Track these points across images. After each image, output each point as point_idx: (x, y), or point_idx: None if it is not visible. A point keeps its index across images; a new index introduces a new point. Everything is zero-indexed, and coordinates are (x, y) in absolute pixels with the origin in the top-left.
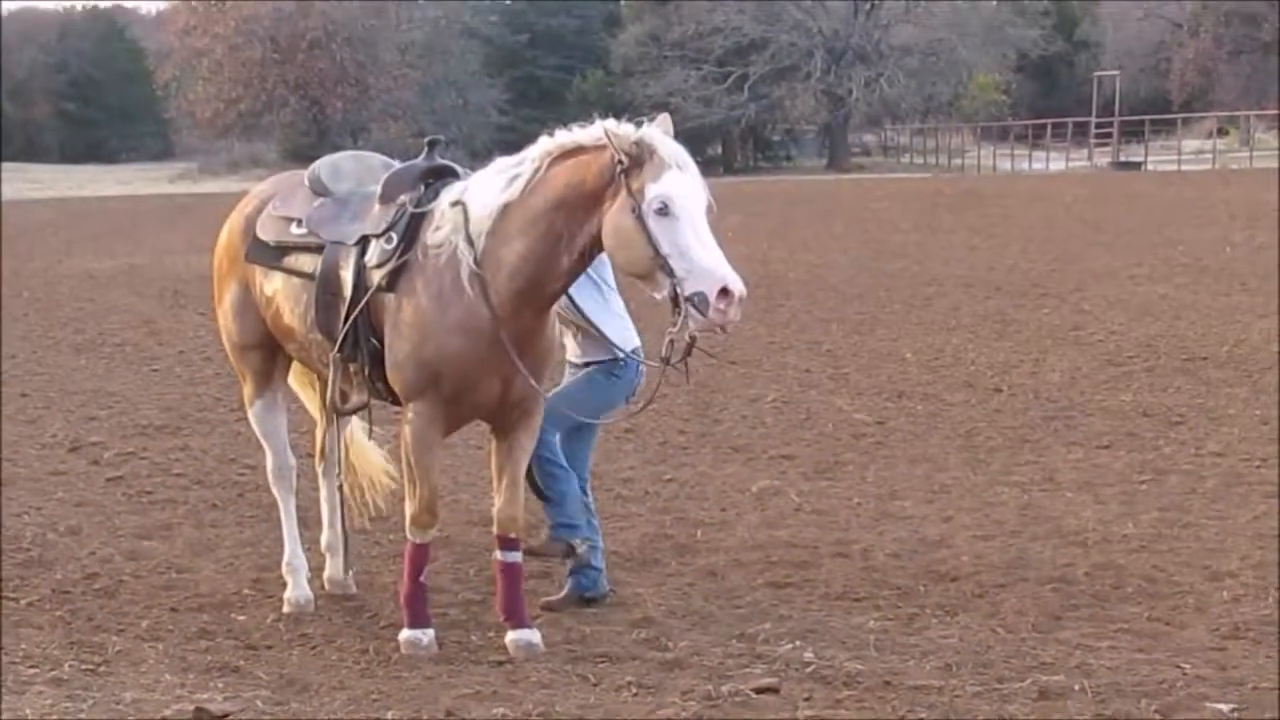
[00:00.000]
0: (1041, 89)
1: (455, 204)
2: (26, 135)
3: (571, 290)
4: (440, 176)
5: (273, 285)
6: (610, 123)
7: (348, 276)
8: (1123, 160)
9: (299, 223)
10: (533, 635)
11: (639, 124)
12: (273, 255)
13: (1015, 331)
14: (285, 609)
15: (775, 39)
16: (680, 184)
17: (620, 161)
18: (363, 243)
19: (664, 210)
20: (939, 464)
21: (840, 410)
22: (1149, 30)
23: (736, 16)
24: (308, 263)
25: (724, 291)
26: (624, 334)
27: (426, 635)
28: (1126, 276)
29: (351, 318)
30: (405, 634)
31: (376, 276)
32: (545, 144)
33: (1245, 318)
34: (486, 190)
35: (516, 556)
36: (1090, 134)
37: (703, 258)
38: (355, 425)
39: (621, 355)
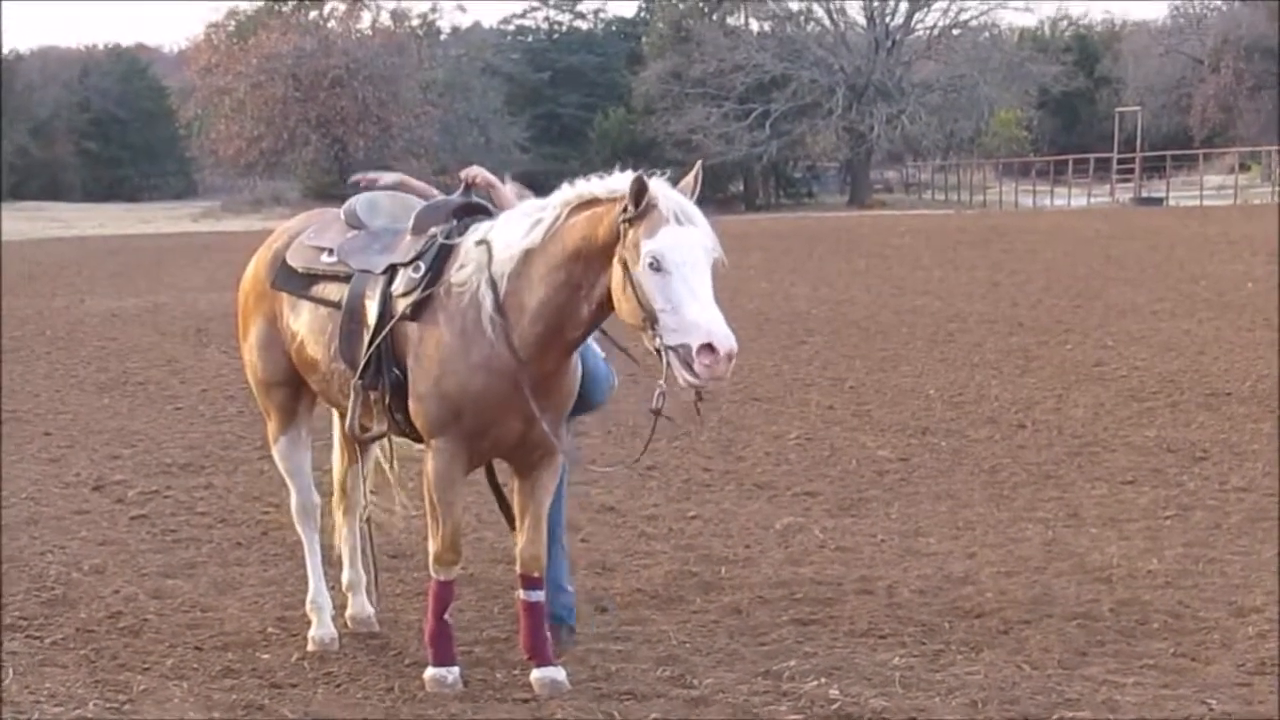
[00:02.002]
0: (1063, 125)
1: (480, 243)
2: (49, 174)
3: None
4: (472, 213)
5: (299, 318)
6: (624, 175)
7: (373, 305)
8: (1145, 196)
9: (329, 252)
10: (557, 673)
11: (651, 175)
12: (301, 283)
13: (1038, 368)
14: (310, 647)
15: (797, 76)
16: (675, 239)
17: (624, 214)
18: (390, 272)
19: (656, 265)
20: (963, 500)
21: (864, 447)
22: (1170, 66)
23: (758, 54)
24: (334, 291)
25: (708, 348)
26: None
27: (451, 673)
28: (1149, 312)
29: (375, 344)
30: (430, 672)
31: (401, 305)
32: (565, 193)
33: (1268, 353)
34: (511, 233)
35: (540, 595)
36: (1112, 170)
37: (692, 312)
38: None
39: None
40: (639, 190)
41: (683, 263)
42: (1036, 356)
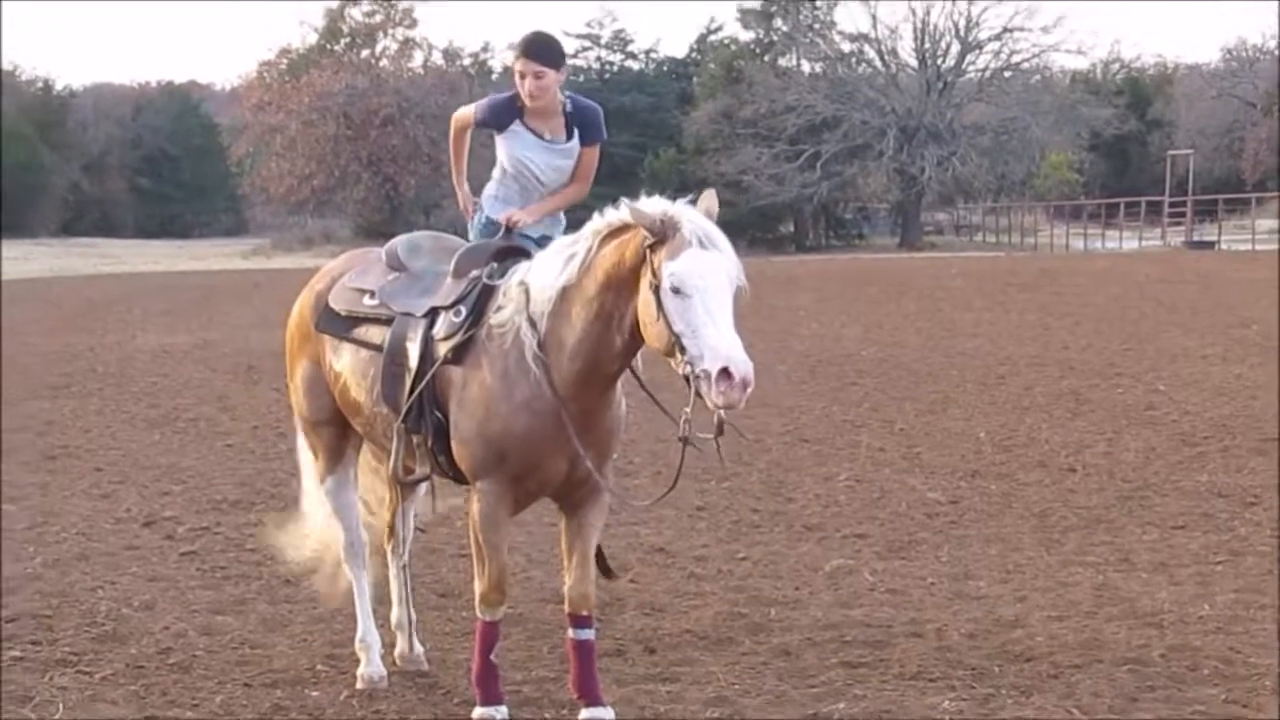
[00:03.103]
0: (1114, 168)
1: (520, 284)
2: (101, 210)
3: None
4: (514, 256)
5: (341, 361)
6: (645, 200)
7: (414, 348)
8: (1196, 239)
9: (371, 294)
10: (606, 713)
11: (674, 199)
12: (343, 325)
13: (1089, 411)
14: (359, 685)
15: (848, 117)
16: (697, 263)
17: (646, 238)
18: (431, 315)
19: (678, 289)
20: (1013, 544)
21: (914, 489)
22: (1222, 109)
23: (809, 95)
24: (376, 334)
25: (725, 373)
26: None
27: (499, 712)
28: (1200, 356)
29: (417, 390)
30: (478, 711)
31: (443, 349)
32: (596, 223)
33: None
34: (547, 271)
35: (589, 634)
36: (1163, 213)
37: (710, 337)
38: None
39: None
40: (637, 214)
41: (704, 287)
42: (1087, 400)
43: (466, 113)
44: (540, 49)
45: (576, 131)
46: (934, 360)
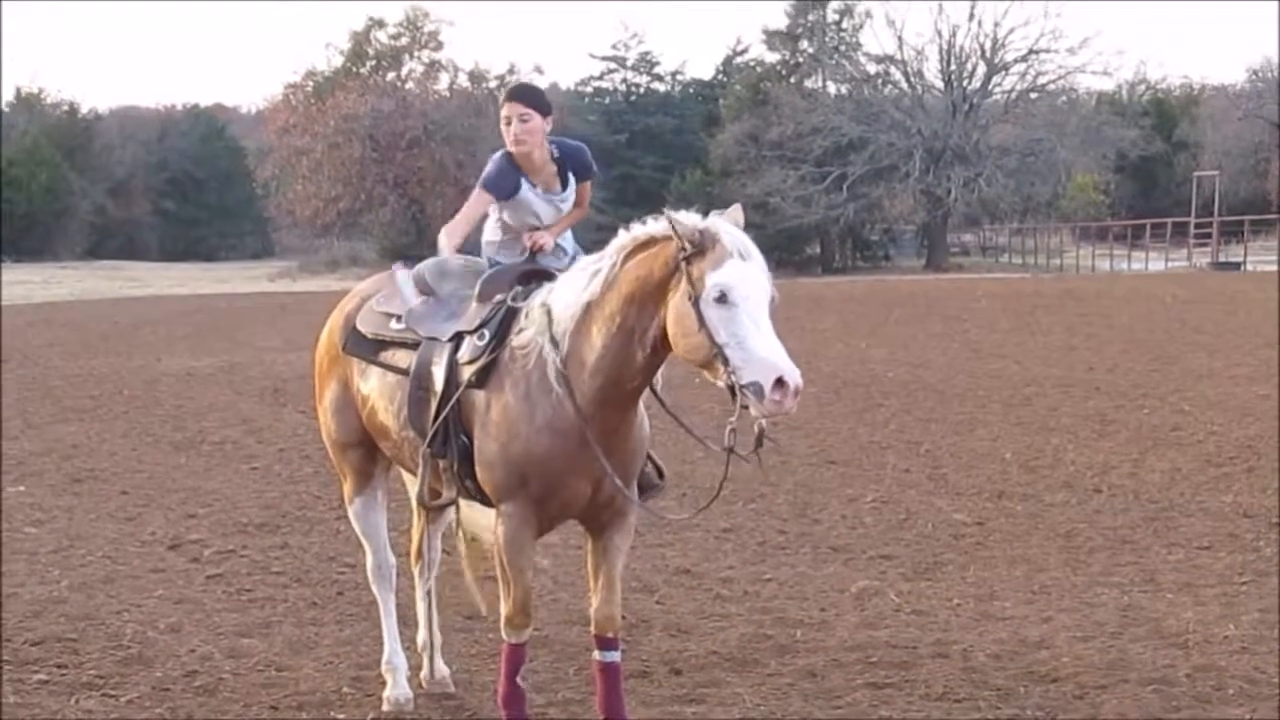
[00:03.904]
0: (1140, 189)
1: (542, 305)
2: (126, 233)
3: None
4: (538, 279)
5: (369, 384)
6: (679, 213)
7: (439, 373)
8: (1222, 260)
9: (398, 318)
10: None
11: (706, 214)
12: (370, 348)
13: (1115, 432)
14: (385, 708)
15: (874, 139)
16: (740, 273)
17: (683, 250)
18: (457, 339)
19: (722, 299)
20: (1039, 564)
21: (939, 510)
22: (1248, 131)
23: (835, 117)
24: (403, 358)
25: (779, 382)
26: None
27: None
28: (1226, 377)
29: (443, 414)
30: None
31: (467, 373)
32: (621, 238)
33: None
34: (570, 290)
35: (615, 656)
36: (1189, 234)
37: (759, 347)
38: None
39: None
40: (678, 224)
41: (747, 296)
42: (1113, 420)
43: (485, 203)
44: (525, 93)
45: (571, 177)
46: (960, 381)
